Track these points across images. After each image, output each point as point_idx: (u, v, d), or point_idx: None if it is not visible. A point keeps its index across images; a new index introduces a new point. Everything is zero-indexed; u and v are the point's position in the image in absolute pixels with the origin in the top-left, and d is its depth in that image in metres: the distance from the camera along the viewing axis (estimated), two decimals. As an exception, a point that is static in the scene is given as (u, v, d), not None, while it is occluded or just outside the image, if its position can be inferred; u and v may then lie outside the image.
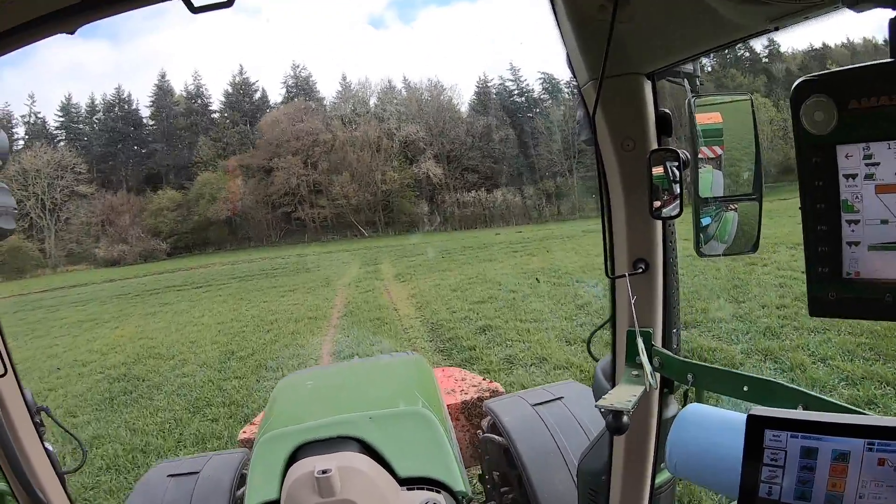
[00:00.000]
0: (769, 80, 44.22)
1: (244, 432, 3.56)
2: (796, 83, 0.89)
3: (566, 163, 48.10)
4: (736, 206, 1.43)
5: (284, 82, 55.10)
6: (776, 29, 1.04)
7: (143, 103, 53.83)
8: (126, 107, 53.07)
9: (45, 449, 1.61)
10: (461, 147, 50.33)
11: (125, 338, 14.50)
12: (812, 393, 1.08)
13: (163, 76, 53.74)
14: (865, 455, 0.85)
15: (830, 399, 1.05)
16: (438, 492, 1.94)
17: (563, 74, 51.35)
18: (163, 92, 53.37)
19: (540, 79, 53.56)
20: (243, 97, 54.16)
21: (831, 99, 0.86)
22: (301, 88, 53.86)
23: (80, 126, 52.65)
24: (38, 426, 1.60)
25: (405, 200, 48.56)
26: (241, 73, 54.73)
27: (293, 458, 1.97)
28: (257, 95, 54.88)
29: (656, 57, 1.35)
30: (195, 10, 1.10)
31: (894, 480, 0.84)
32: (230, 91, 54.00)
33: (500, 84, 53.91)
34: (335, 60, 70.72)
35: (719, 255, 1.47)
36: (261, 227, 48.90)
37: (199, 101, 54.23)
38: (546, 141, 49.15)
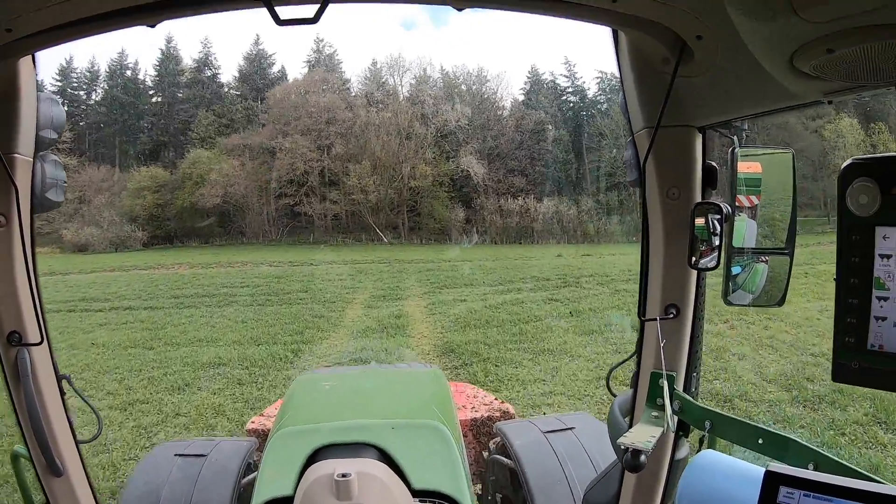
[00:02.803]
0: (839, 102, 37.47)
1: (252, 422, 3.50)
2: (845, 164, 0.97)
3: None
4: (767, 258, 1.46)
5: (307, 60, 47.82)
6: (829, 102, 1.09)
7: (150, 73, 48.25)
8: (129, 73, 46.71)
9: (67, 418, 1.63)
10: (507, 145, 41.87)
11: None
12: (825, 453, 1.09)
13: (169, 41, 46.69)
14: None
15: (843, 462, 1.05)
16: None
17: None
18: (167, 59, 46.39)
19: (597, 78, 45.70)
20: (256, 70, 46.66)
21: (876, 184, 0.93)
22: (324, 65, 46.08)
23: (79, 92, 46.27)
24: (62, 395, 1.62)
25: (437, 202, 39.78)
26: (256, 43, 47.32)
27: (311, 458, 1.98)
28: (274, 69, 47.54)
29: (711, 113, 1.39)
30: (281, 22, 1.12)
31: None
32: (243, 65, 46.84)
33: (551, 80, 46.56)
34: (364, 47, 63.05)
35: (745, 306, 1.49)
36: (258, 220, 40.83)
37: (209, 72, 47.24)
38: (608, 146, 40.73)
